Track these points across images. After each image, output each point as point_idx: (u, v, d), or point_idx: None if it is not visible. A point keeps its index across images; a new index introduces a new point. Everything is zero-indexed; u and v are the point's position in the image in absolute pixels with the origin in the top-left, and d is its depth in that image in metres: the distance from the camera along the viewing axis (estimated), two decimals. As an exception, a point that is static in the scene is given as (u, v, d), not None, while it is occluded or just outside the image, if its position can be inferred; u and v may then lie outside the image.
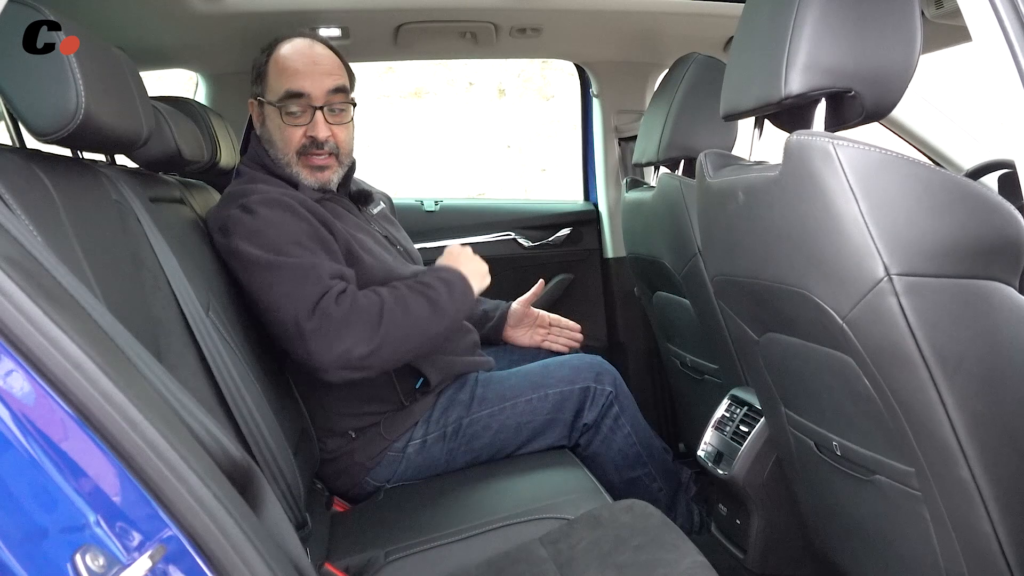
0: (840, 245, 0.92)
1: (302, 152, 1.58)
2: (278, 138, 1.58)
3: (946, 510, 0.98)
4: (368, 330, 1.39)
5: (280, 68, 1.58)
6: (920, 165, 0.90)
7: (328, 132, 1.57)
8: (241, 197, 1.49)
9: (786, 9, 0.99)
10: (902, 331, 0.90)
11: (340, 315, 1.38)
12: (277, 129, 1.58)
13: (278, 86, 1.57)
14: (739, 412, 1.59)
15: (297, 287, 1.39)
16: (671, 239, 1.77)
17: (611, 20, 2.17)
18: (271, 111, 1.59)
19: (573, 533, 1.19)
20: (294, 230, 1.45)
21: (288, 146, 1.58)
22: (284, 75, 1.57)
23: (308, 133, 1.57)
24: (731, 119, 1.19)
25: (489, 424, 1.58)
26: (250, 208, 1.46)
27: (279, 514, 0.83)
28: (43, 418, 0.61)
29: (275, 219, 1.45)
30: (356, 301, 1.41)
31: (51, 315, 0.62)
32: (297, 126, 1.57)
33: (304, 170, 1.58)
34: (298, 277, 1.40)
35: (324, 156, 1.58)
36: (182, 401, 0.82)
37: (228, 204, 1.50)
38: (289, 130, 1.57)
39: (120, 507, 0.62)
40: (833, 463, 1.18)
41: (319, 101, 1.57)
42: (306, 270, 1.41)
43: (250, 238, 1.43)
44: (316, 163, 1.58)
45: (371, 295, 1.44)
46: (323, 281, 1.40)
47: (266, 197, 1.48)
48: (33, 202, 0.86)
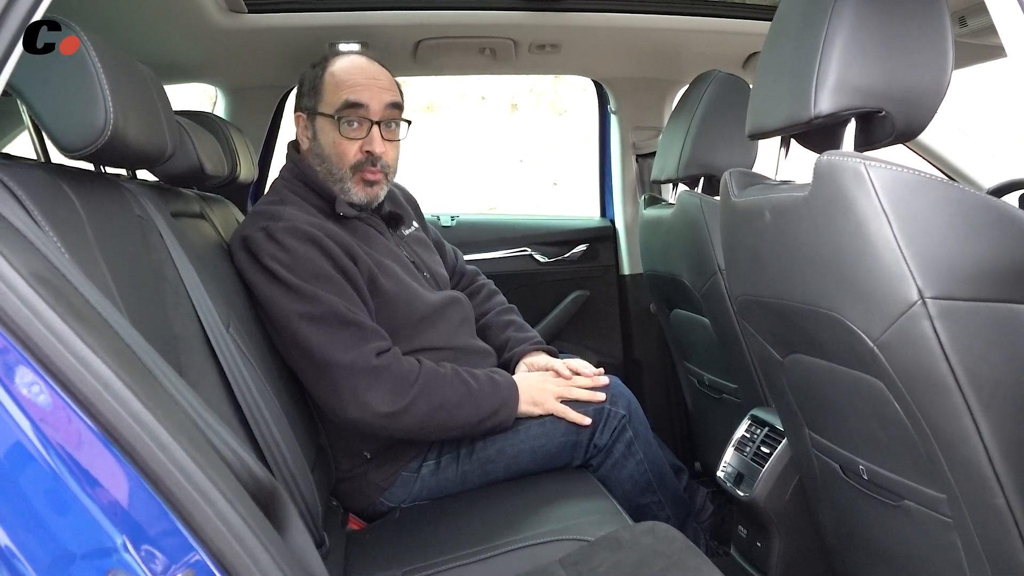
0: (872, 267, 0.91)
1: (357, 167, 1.57)
2: (332, 152, 1.57)
3: (979, 538, 0.96)
4: (396, 392, 1.42)
5: (339, 80, 1.58)
6: (953, 187, 0.89)
7: (383, 148, 1.57)
8: (268, 219, 1.48)
9: (815, 27, 0.98)
10: (936, 356, 0.89)
11: (374, 367, 1.41)
12: (331, 143, 1.57)
13: (336, 98, 1.56)
14: (760, 433, 1.58)
15: (334, 328, 1.42)
16: (691, 257, 1.76)
17: (630, 37, 2.17)
18: (326, 124, 1.58)
19: (594, 555, 1.17)
20: (319, 264, 1.45)
21: (343, 160, 1.57)
22: (343, 87, 1.57)
23: (364, 148, 1.57)
24: (757, 138, 1.18)
25: (503, 449, 1.55)
26: (275, 235, 1.45)
27: (303, 535, 0.82)
28: (72, 439, 0.60)
29: (301, 251, 1.45)
30: (396, 360, 1.44)
31: (81, 335, 0.62)
32: (353, 139, 1.56)
33: (356, 186, 1.58)
34: (335, 318, 1.42)
35: (377, 172, 1.58)
36: (207, 420, 0.81)
37: (254, 224, 1.49)
38: (345, 144, 1.56)
39: (148, 531, 0.61)
40: (859, 487, 1.16)
41: (377, 115, 1.57)
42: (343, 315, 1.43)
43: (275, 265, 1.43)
44: (369, 178, 1.58)
45: (412, 361, 1.47)
46: (366, 329, 1.44)
47: (292, 226, 1.46)
48: (60, 218, 0.86)
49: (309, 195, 1.58)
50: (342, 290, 1.46)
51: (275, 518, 0.81)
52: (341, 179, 1.58)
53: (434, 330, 1.60)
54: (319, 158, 1.59)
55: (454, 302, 1.68)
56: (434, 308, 1.62)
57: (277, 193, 1.60)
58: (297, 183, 1.60)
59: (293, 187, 1.59)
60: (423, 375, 1.46)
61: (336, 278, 1.46)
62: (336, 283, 1.46)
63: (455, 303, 1.69)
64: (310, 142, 1.61)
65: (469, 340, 1.68)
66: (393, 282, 1.55)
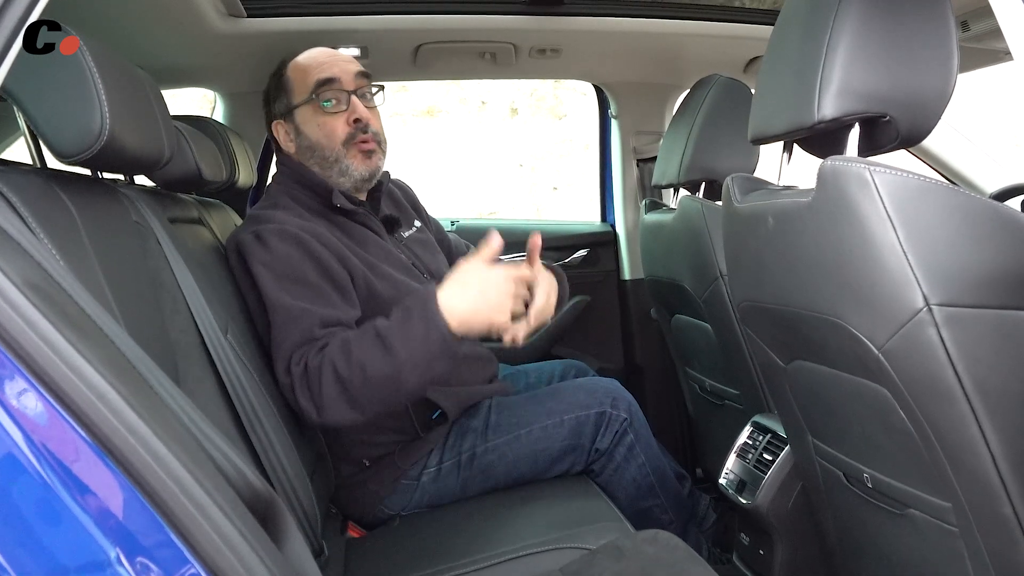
0: (877, 274, 0.90)
1: (349, 141, 1.56)
2: (320, 135, 1.56)
3: (985, 547, 0.95)
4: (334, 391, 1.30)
5: (303, 67, 1.59)
6: (959, 192, 0.88)
7: (367, 114, 1.57)
8: (258, 223, 1.46)
9: (819, 31, 0.97)
10: (942, 363, 0.88)
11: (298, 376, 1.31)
12: (317, 127, 1.57)
13: (306, 83, 1.57)
14: (762, 439, 1.56)
15: (284, 329, 1.35)
16: (692, 262, 1.75)
17: (631, 41, 2.16)
18: (306, 112, 1.58)
19: (595, 564, 1.16)
20: (300, 268, 1.40)
21: (334, 138, 1.56)
22: (310, 71, 1.58)
23: (350, 119, 1.56)
24: (760, 142, 1.17)
25: (505, 454, 1.54)
26: (262, 237, 1.42)
27: (301, 547, 0.81)
28: (66, 451, 0.59)
29: (283, 253, 1.41)
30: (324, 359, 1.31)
31: (75, 344, 0.61)
32: (337, 114, 1.56)
33: (355, 160, 1.56)
34: (288, 319, 1.36)
35: (370, 140, 1.57)
36: (204, 431, 0.80)
37: (246, 228, 1.48)
38: (331, 122, 1.56)
39: (143, 544, 0.60)
40: (863, 495, 1.15)
41: (351, 85, 1.57)
42: (296, 314, 1.35)
43: (260, 267, 1.41)
44: (365, 148, 1.57)
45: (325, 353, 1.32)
46: (311, 330, 1.34)
47: (280, 228, 1.43)
48: (55, 225, 0.85)
49: (304, 196, 1.56)
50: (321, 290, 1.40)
51: (273, 529, 0.79)
52: (337, 159, 1.56)
53: None
54: (309, 150, 1.58)
55: None
56: None
57: (271, 197, 1.59)
58: (292, 184, 1.58)
59: (288, 189, 1.57)
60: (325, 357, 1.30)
61: (319, 284, 1.41)
62: (318, 290, 1.40)
63: None
64: (295, 142, 1.60)
65: (470, 344, 1.67)
66: (388, 284, 1.52)
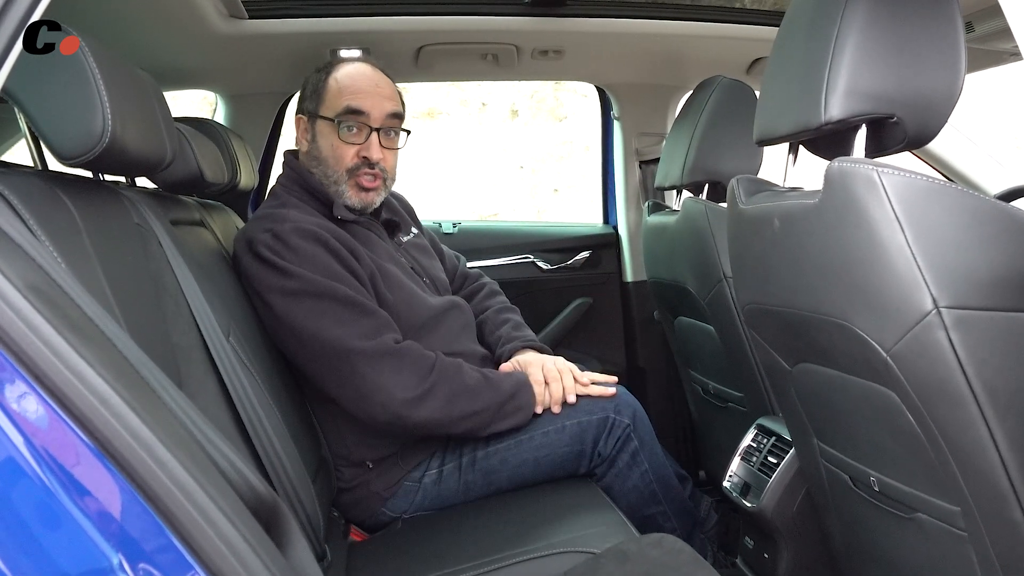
0: (885, 276, 0.89)
1: (352, 171, 1.58)
2: (330, 155, 1.58)
3: (995, 552, 0.94)
4: (418, 376, 1.44)
5: (341, 86, 1.59)
6: (968, 194, 0.87)
7: (380, 155, 1.59)
8: (272, 222, 1.48)
9: (826, 32, 0.97)
10: (951, 366, 0.87)
11: (396, 351, 1.43)
12: (330, 146, 1.58)
13: (338, 103, 1.58)
14: (767, 442, 1.55)
15: (353, 317, 1.44)
16: (696, 264, 1.74)
17: (634, 43, 2.16)
18: (325, 127, 1.59)
19: (600, 568, 1.14)
20: (328, 263, 1.47)
21: (340, 164, 1.58)
22: (345, 93, 1.58)
23: (362, 153, 1.58)
24: (765, 144, 1.17)
25: (507, 459, 1.54)
26: (283, 237, 1.45)
27: (305, 551, 0.80)
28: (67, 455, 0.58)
29: (310, 251, 1.46)
30: (416, 346, 1.47)
31: (77, 347, 0.60)
32: (352, 144, 1.58)
33: (351, 190, 1.59)
34: (353, 308, 1.44)
35: (373, 178, 1.59)
36: (207, 434, 0.79)
37: (259, 227, 1.49)
38: (343, 147, 1.58)
39: (145, 549, 0.59)
40: (870, 499, 1.14)
41: (377, 123, 1.58)
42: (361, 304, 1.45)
43: (285, 266, 1.44)
44: (365, 184, 1.59)
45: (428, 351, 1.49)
46: (382, 318, 1.46)
47: (299, 227, 1.47)
48: (57, 227, 0.84)
49: (308, 199, 1.59)
50: (355, 285, 1.48)
51: (276, 533, 0.79)
52: (336, 182, 1.58)
53: (435, 335, 1.59)
54: (316, 160, 1.60)
55: (455, 307, 1.68)
56: (435, 313, 1.61)
57: (277, 197, 1.61)
58: (296, 187, 1.61)
59: (292, 191, 1.60)
60: (440, 361, 1.48)
61: (346, 275, 1.48)
62: (347, 279, 1.47)
63: (456, 308, 1.68)
64: (309, 144, 1.62)
65: (470, 345, 1.67)
66: (394, 286, 1.56)
